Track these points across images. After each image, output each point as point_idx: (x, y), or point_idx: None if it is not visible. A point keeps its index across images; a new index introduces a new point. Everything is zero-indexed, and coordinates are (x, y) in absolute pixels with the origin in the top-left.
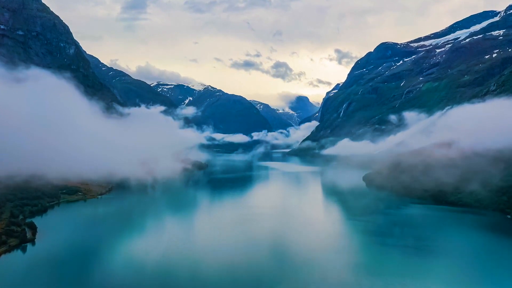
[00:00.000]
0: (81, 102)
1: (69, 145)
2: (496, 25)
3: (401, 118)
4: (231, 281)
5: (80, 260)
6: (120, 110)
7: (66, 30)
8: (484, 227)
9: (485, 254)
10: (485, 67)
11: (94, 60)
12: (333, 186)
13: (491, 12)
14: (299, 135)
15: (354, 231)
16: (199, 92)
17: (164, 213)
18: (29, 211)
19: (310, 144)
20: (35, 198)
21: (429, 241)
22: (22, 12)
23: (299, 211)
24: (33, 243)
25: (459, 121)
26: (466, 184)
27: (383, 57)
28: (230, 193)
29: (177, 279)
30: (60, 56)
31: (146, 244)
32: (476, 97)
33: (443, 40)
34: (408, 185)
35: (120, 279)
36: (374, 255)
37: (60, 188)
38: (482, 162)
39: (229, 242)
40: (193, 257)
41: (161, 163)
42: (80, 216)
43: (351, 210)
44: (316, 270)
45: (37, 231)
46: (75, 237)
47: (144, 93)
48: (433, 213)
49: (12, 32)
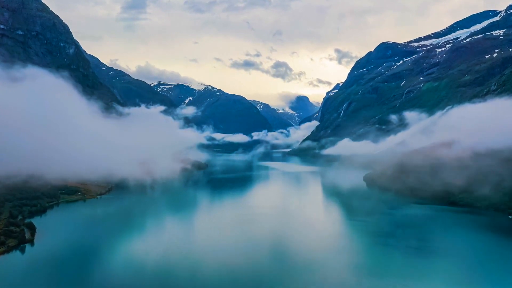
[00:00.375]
0: (80, 102)
1: (68, 145)
2: (496, 25)
3: (402, 118)
4: (231, 281)
5: (80, 261)
6: (120, 110)
7: (66, 30)
8: (489, 228)
9: (489, 256)
10: (485, 66)
11: (94, 60)
12: (334, 186)
13: (492, 12)
14: (299, 135)
15: (355, 232)
16: (199, 92)
17: (164, 213)
18: (28, 212)
19: (310, 144)
20: (34, 198)
21: (432, 242)
22: (21, 12)
23: (300, 211)
24: (32, 244)
25: (460, 121)
26: (477, 185)
27: (383, 56)
28: (230, 193)
29: (177, 280)
30: (60, 56)
31: (146, 244)
32: (477, 96)
33: (443, 40)
34: (411, 186)
35: (120, 280)
36: (375, 256)
37: (59, 188)
38: (491, 163)
39: (229, 242)
40: (193, 257)
41: (161, 163)
42: (80, 216)
43: (351, 211)
44: (316, 270)
45: (36, 232)
46: (75, 237)
47: (144, 93)
48: (437, 214)
49: (11, 32)
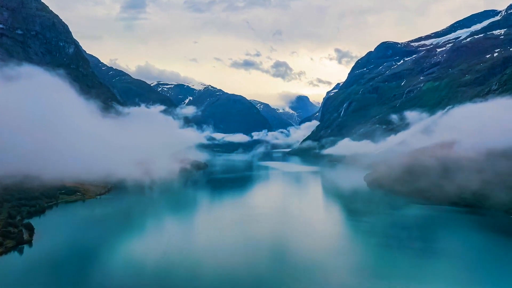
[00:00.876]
0: (77, 101)
1: (67, 144)
2: (497, 24)
3: (402, 118)
4: (231, 282)
5: (78, 262)
6: (119, 109)
7: (65, 29)
8: (498, 230)
9: (498, 258)
10: (486, 66)
11: (94, 59)
12: (335, 187)
13: (492, 12)
14: (299, 135)
15: (357, 232)
16: (199, 92)
17: (163, 213)
18: (27, 212)
19: (311, 144)
20: (33, 198)
21: (438, 243)
22: (21, 11)
23: (300, 212)
24: (30, 245)
25: (462, 120)
26: (482, 185)
27: (384, 56)
28: (230, 193)
29: (177, 281)
30: (59, 55)
31: (145, 245)
32: (478, 96)
33: (443, 40)
34: (414, 186)
35: (119, 281)
36: (378, 257)
37: (58, 188)
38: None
39: (229, 243)
40: (192, 258)
41: (160, 163)
42: (79, 217)
43: (352, 211)
44: (318, 272)
45: (34, 232)
46: (73, 238)
47: (144, 93)
48: (442, 215)
49: (11, 31)
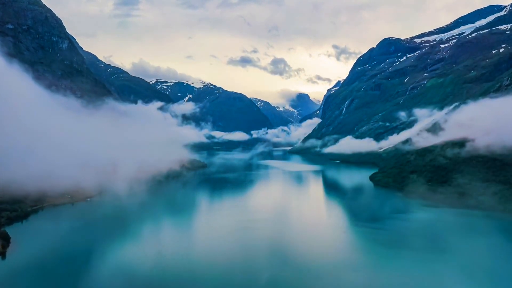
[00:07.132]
0: (75, 100)
1: (51, 142)
2: (503, 19)
3: (406, 115)
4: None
5: (61, 275)
6: (116, 107)
7: (58, 24)
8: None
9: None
10: (492, 62)
11: (92, 57)
12: (338, 187)
13: (497, 7)
14: (300, 133)
15: (363, 238)
16: (199, 90)
17: (158, 216)
18: (7, 217)
19: (312, 142)
20: (15, 202)
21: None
22: (12, 5)
23: (303, 215)
24: (3, 257)
25: (471, 117)
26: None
27: (386, 53)
28: (230, 193)
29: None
30: (52, 51)
31: (138, 251)
32: (488, 92)
33: (447, 36)
34: (420, 186)
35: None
36: (388, 269)
37: (44, 190)
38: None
39: (228, 247)
40: (189, 262)
41: (157, 162)
42: (66, 222)
43: (359, 214)
44: (320, 278)
45: (10, 242)
46: (56, 248)
47: (142, 90)
48: (454, 219)
49: (1, 26)
